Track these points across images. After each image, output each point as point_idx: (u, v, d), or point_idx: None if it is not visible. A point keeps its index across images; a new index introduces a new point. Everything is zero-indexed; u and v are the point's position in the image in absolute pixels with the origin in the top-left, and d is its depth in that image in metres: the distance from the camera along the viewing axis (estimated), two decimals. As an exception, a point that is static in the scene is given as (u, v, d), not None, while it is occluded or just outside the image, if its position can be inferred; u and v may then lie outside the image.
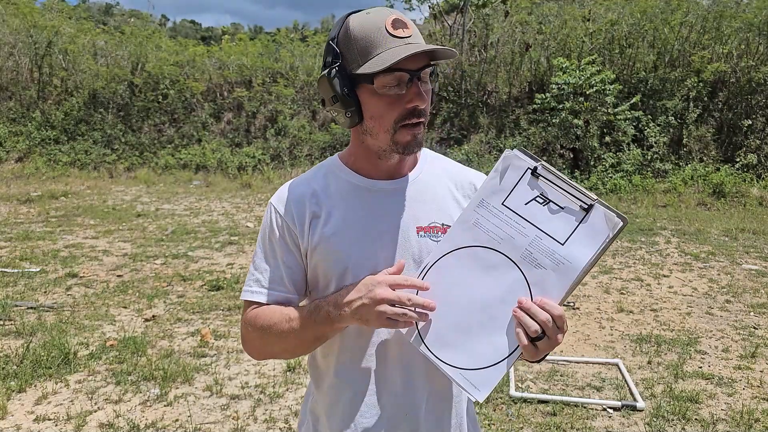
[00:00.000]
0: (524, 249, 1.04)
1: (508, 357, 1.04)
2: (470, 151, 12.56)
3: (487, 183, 1.08)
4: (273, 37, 18.80)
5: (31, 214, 9.23)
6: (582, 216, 1.01)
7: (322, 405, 1.24)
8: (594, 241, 1.00)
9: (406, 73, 1.06)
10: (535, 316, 1.00)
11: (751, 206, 10.16)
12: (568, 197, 1.02)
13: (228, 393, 3.49)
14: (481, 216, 1.07)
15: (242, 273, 6.06)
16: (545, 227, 1.03)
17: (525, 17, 14.74)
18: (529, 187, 1.04)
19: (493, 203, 1.06)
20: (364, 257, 1.14)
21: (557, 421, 3.18)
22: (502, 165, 1.07)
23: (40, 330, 4.33)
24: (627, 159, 11.67)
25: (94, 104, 15.43)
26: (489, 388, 1.05)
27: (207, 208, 10.07)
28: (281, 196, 1.21)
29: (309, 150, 14.20)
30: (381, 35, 1.06)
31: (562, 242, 1.02)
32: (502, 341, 1.04)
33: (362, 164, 1.19)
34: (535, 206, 1.04)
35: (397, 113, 1.08)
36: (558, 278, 1.02)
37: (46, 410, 3.25)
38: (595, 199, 1.00)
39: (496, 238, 1.05)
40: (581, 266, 1.00)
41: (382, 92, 1.07)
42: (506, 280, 1.05)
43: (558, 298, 1.02)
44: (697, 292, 5.56)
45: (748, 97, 12.17)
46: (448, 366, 1.07)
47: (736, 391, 3.58)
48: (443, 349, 1.07)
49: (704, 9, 13.50)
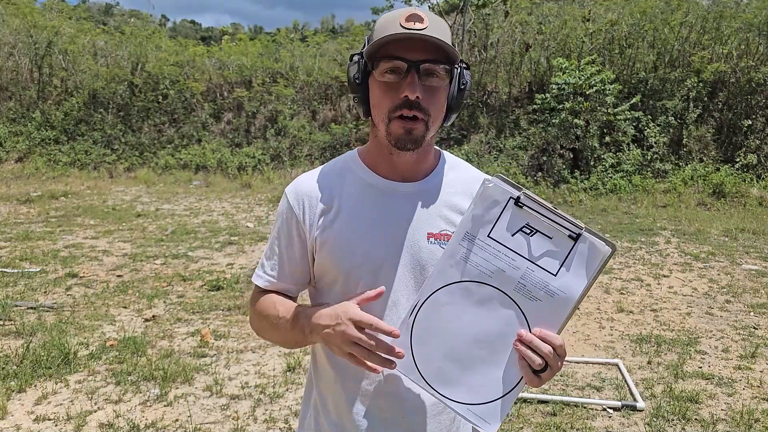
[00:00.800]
0: (517, 282, 1.02)
1: (513, 389, 1.04)
2: (470, 152, 12.56)
3: (469, 215, 1.03)
4: (273, 37, 18.80)
5: (31, 214, 9.23)
6: (571, 245, 1.00)
7: (323, 399, 1.25)
8: (585, 269, 0.99)
9: (403, 62, 1.05)
10: (538, 349, 1.00)
11: (751, 206, 10.16)
12: (554, 226, 1.00)
13: (228, 393, 3.49)
14: (468, 250, 1.03)
15: (242, 273, 6.06)
16: (535, 258, 1.01)
17: (525, 17, 14.74)
18: (514, 217, 1.01)
19: (479, 236, 1.03)
20: (370, 258, 1.14)
21: (557, 421, 3.18)
22: (483, 196, 1.03)
23: (40, 330, 4.33)
24: (627, 159, 11.67)
25: (94, 104, 15.43)
26: (499, 421, 1.04)
27: (207, 208, 10.07)
28: (295, 188, 1.22)
29: (309, 150, 14.20)
30: (393, 25, 1.06)
31: (554, 273, 1.00)
32: (506, 374, 1.03)
33: (378, 162, 1.19)
34: (522, 237, 1.01)
35: (392, 102, 1.07)
36: (554, 309, 1.01)
37: (46, 410, 3.25)
38: (582, 227, 0.99)
39: (486, 272, 1.03)
40: (576, 296, 1.00)
41: (380, 79, 1.08)
42: (502, 313, 1.03)
43: (556, 328, 1.01)
44: (697, 293, 5.56)
45: (748, 97, 12.18)
46: (454, 402, 1.05)
47: (736, 391, 3.58)
48: (447, 387, 1.06)
49: (704, 9, 13.50)
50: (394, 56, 1.05)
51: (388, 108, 1.08)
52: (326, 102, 15.28)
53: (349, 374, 1.19)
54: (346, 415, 1.20)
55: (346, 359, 1.06)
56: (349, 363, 1.16)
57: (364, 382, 1.19)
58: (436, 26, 1.06)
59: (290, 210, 1.20)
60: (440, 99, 1.11)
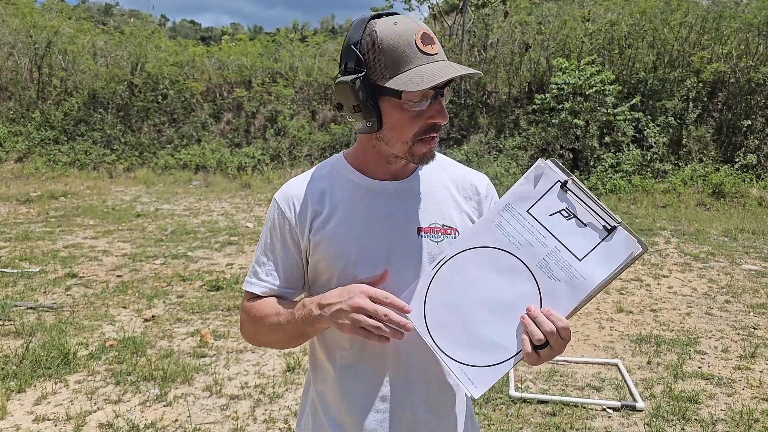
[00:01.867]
0: (542, 258, 1.05)
1: (509, 359, 1.05)
2: (470, 151, 12.57)
3: (515, 188, 1.09)
4: (273, 38, 18.79)
5: (31, 214, 9.23)
6: (604, 236, 1.02)
7: (321, 397, 1.26)
8: (611, 262, 1.01)
9: (432, 90, 1.07)
10: (540, 326, 1.01)
11: (750, 206, 10.16)
12: (592, 215, 1.03)
13: (227, 393, 3.49)
14: (505, 219, 1.08)
15: (242, 273, 6.06)
16: (566, 241, 1.04)
17: (524, 17, 14.74)
18: (557, 199, 1.06)
19: (519, 209, 1.08)
20: (364, 256, 1.16)
21: (557, 421, 3.18)
22: (534, 173, 1.08)
23: (39, 330, 4.33)
24: (626, 159, 11.67)
25: (93, 104, 15.43)
26: (485, 387, 1.06)
27: (206, 209, 10.07)
28: (285, 193, 1.23)
29: (308, 150, 14.20)
30: (411, 50, 1.06)
31: (579, 258, 1.03)
32: (506, 343, 1.06)
33: (369, 166, 1.21)
34: (559, 219, 1.05)
35: (418, 127, 1.10)
36: (569, 292, 1.03)
37: (46, 410, 3.25)
38: (619, 221, 1.02)
39: (515, 243, 1.07)
40: (594, 284, 1.02)
41: (408, 108, 1.09)
42: (519, 285, 1.06)
43: (566, 311, 1.03)
44: (696, 293, 5.56)
45: (748, 97, 12.18)
46: (449, 358, 1.09)
47: (736, 392, 3.58)
48: (446, 341, 1.09)
49: (704, 9, 13.51)
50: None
51: (413, 132, 1.11)
52: (326, 102, 15.28)
53: (348, 372, 1.21)
54: (344, 412, 1.21)
55: (356, 335, 1.06)
56: (347, 361, 1.18)
57: (362, 379, 1.20)
58: (437, 42, 1.10)
59: (282, 214, 1.21)
60: None
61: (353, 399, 1.21)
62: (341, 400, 1.22)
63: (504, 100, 13.85)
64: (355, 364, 1.20)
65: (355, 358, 1.20)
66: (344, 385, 1.21)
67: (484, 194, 1.27)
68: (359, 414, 1.20)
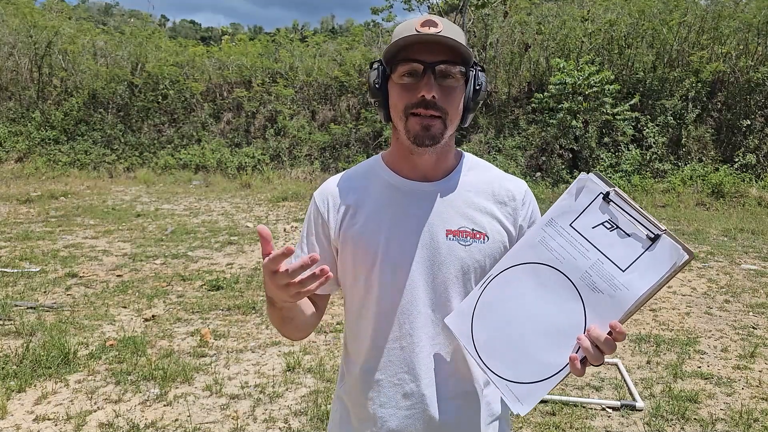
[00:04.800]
0: (584, 271, 1.04)
1: (555, 375, 1.05)
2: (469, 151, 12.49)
3: (558, 203, 1.09)
4: (272, 38, 18.80)
5: (31, 214, 9.23)
6: (648, 245, 1.00)
7: (350, 391, 1.28)
8: (656, 271, 0.99)
9: (420, 64, 1.09)
10: (601, 346, 0.99)
11: (750, 206, 10.16)
12: (635, 225, 1.01)
13: (228, 393, 3.49)
14: (548, 235, 1.08)
15: (242, 273, 6.06)
16: (609, 252, 1.02)
17: (524, 17, 14.75)
18: (599, 211, 1.04)
19: (562, 223, 1.07)
20: (391, 254, 1.18)
21: (556, 420, 3.19)
22: (576, 187, 1.07)
23: (39, 330, 4.34)
24: (626, 159, 11.68)
25: (93, 104, 15.43)
26: (532, 403, 1.06)
27: (207, 208, 10.07)
28: (322, 189, 1.27)
29: (308, 150, 14.20)
30: (408, 30, 1.11)
31: (623, 269, 1.01)
32: (552, 359, 1.05)
33: (400, 163, 1.23)
34: (601, 231, 1.04)
35: (408, 100, 1.12)
36: (613, 304, 1.01)
37: (46, 410, 3.25)
38: (663, 230, 0.99)
39: (558, 257, 1.06)
40: (638, 295, 0.99)
41: (398, 81, 1.13)
42: (562, 300, 1.05)
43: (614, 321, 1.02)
44: (696, 292, 5.56)
45: (747, 97, 12.18)
46: (496, 376, 1.09)
47: (735, 391, 3.59)
48: (492, 359, 1.09)
49: (702, 9, 13.51)
50: (410, 59, 1.10)
51: (404, 106, 1.13)
52: (326, 102, 15.28)
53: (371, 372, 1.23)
54: (368, 412, 1.24)
55: (295, 299, 1.03)
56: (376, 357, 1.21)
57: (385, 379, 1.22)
58: (450, 30, 1.11)
59: (317, 211, 1.25)
60: (456, 99, 1.15)
61: (379, 394, 1.22)
62: (367, 395, 1.23)
63: (503, 100, 13.86)
64: (383, 360, 1.22)
65: (384, 355, 1.21)
66: (370, 380, 1.23)
67: (521, 201, 1.24)
68: (384, 409, 1.22)
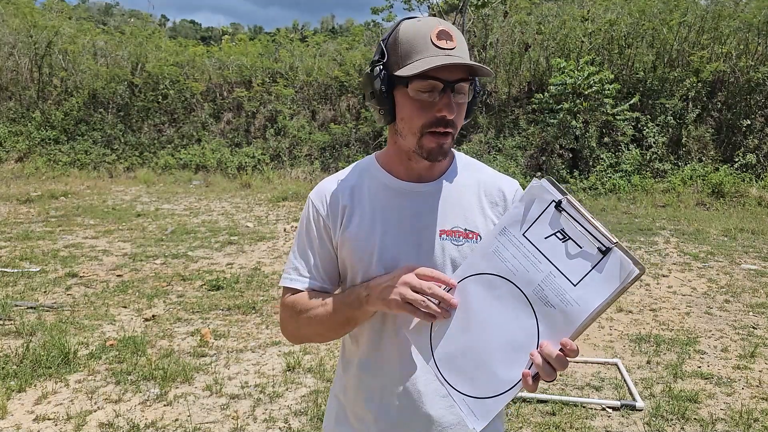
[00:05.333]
0: (537, 284, 1.02)
1: (509, 391, 1.04)
2: (469, 151, 12.57)
3: (511, 211, 1.08)
4: (273, 37, 18.80)
5: (31, 214, 9.24)
6: (598, 259, 0.98)
7: (346, 390, 1.30)
8: (606, 286, 0.97)
9: (440, 83, 1.09)
10: (554, 364, 1.00)
11: (750, 206, 10.16)
12: (587, 237, 0.99)
13: (228, 393, 3.49)
14: (501, 244, 1.07)
15: (242, 273, 6.07)
16: (560, 265, 1.01)
17: (524, 17, 14.74)
18: (551, 220, 1.03)
19: (514, 232, 1.06)
20: (387, 255, 1.19)
21: (556, 420, 3.19)
22: (528, 195, 1.06)
23: (40, 330, 4.34)
24: (626, 159, 11.68)
25: (94, 104, 15.43)
26: (487, 419, 1.05)
27: (207, 208, 10.07)
28: (319, 192, 1.28)
29: (308, 150, 14.20)
30: (425, 43, 1.10)
31: (574, 283, 0.99)
32: (506, 375, 1.04)
33: (395, 165, 1.24)
34: (554, 241, 1.02)
35: (426, 119, 1.12)
36: (565, 320, 1.00)
37: (46, 410, 3.25)
38: (614, 242, 0.97)
39: (512, 269, 1.05)
40: (589, 311, 0.98)
41: (415, 96, 1.12)
42: (516, 313, 1.04)
43: (565, 338, 1.01)
44: (696, 292, 5.56)
45: (747, 96, 12.18)
46: (453, 389, 1.08)
47: (735, 391, 3.59)
48: (451, 372, 1.09)
49: (703, 9, 13.51)
50: (431, 77, 1.09)
51: (421, 124, 1.13)
52: (326, 102, 15.28)
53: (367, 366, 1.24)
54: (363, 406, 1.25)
55: (403, 310, 1.08)
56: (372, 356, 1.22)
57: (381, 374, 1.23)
58: (461, 42, 1.12)
59: (316, 211, 1.26)
60: (463, 113, 1.17)
61: (374, 393, 1.24)
62: (363, 393, 1.25)
63: (503, 100, 13.85)
64: (379, 359, 1.23)
65: (379, 354, 1.23)
66: (366, 379, 1.25)
67: (511, 200, 1.25)
68: (380, 407, 1.23)
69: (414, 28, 1.12)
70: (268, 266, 6.36)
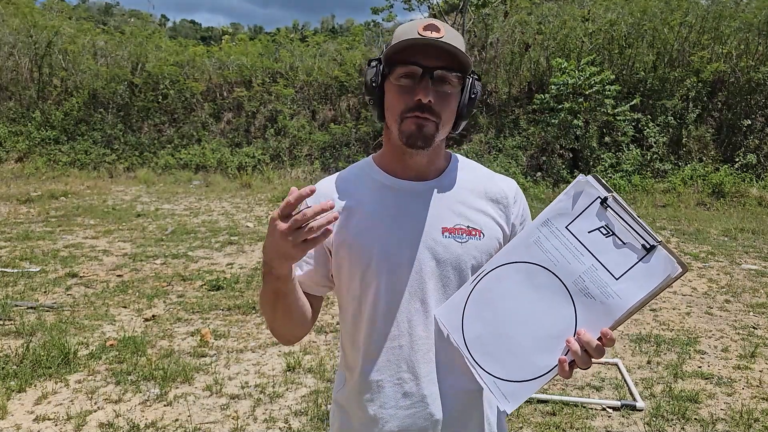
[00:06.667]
0: (578, 276, 1.04)
1: (543, 376, 1.05)
2: (470, 151, 12.56)
3: (555, 204, 1.08)
4: (273, 37, 18.80)
5: (31, 214, 9.23)
6: (642, 255, 1.00)
7: (349, 395, 1.27)
8: (648, 282, 0.99)
9: (418, 68, 1.10)
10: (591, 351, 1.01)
11: (750, 206, 10.16)
12: (632, 233, 1.01)
13: (228, 393, 3.49)
14: (543, 235, 1.08)
15: (242, 273, 6.06)
16: (603, 259, 1.02)
17: (524, 17, 14.75)
18: (596, 216, 1.04)
19: (557, 225, 1.07)
20: (387, 254, 1.18)
21: (557, 420, 3.18)
22: (575, 189, 1.07)
23: (40, 330, 4.34)
24: (626, 159, 11.68)
25: (94, 104, 15.43)
26: (518, 402, 1.06)
27: (207, 208, 10.07)
28: (316, 192, 1.24)
29: (309, 150, 14.20)
30: (410, 33, 1.12)
31: (616, 277, 1.01)
32: (541, 360, 1.05)
33: (391, 163, 1.24)
34: (597, 236, 1.03)
35: (405, 104, 1.12)
36: (605, 311, 1.01)
37: (46, 410, 3.25)
38: (659, 240, 0.99)
39: (552, 260, 1.06)
40: (630, 304, 1.00)
41: (395, 82, 1.13)
42: (554, 302, 1.05)
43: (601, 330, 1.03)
44: (696, 292, 5.56)
45: (748, 97, 12.18)
46: (484, 371, 1.09)
47: (736, 391, 3.59)
48: (481, 354, 1.10)
49: (703, 9, 13.51)
50: (409, 62, 1.11)
51: (401, 109, 1.13)
52: (326, 102, 15.28)
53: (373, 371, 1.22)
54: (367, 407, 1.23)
55: (302, 252, 1.01)
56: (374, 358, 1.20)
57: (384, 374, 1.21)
58: (452, 36, 1.12)
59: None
60: (451, 105, 1.15)
61: (377, 395, 1.22)
62: (366, 396, 1.23)
63: (504, 100, 13.85)
64: (382, 361, 1.21)
65: (382, 355, 1.21)
66: (369, 381, 1.22)
67: (512, 199, 1.26)
68: (382, 410, 1.21)
69: (407, 25, 1.15)
70: (268, 266, 6.35)
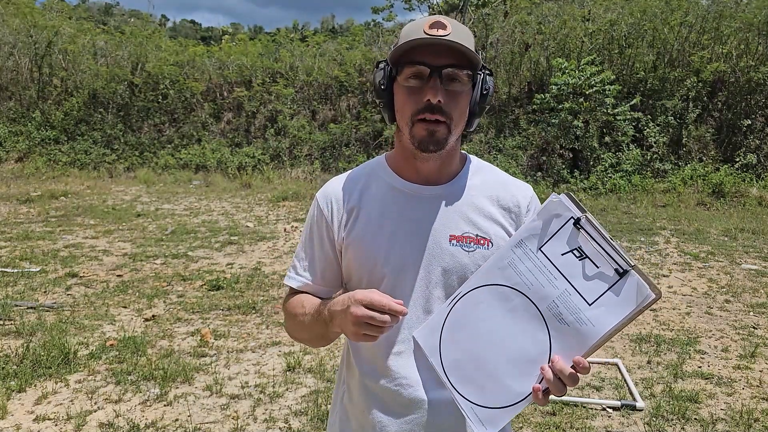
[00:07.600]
0: (552, 300, 1.02)
1: (519, 403, 1.04)
2: (469, 151, 12.47)
3: (528, 225, 1.07)
4: (273, 37, 18.80)
5: (31, 214, 9.23)
6: (615, 280, 0.98)
7: (350, 397, 1.27)
8: (621, 308, 0.97)
9: (426, 68, 1.08)
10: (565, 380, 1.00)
11: (750, 206, 10.16)
12: (604, 257, 0.99)
13: (228, 393, 3.49)
14: (517, 257, 1.06)
15: (242, 273, 6.06)
16: (576, 283, 1.00)
17: (524, 17, 14.74)
18: (569, 237, 1.02)
19: (531, 246, 1.05)
20: (393, 258, 1.17)
21: (557, 420, 3.18)
22: (546, 210, 1.05)
23: (40, 330, 4.34)
24: (626, 159, 11.67)
25: (94, 104, 15.43)
26: (497, 427, 1.05)
27: (207, 208, 10.07)
28: (324, 191, 1.26)
29: (309, 150, 14.19)
30: (417, 32, 1.09)
31: (589, 303, 0.99)
32: (517, 385, 1.04)
33: (403, 166, 1.21)
34: (570, 259, 1.01)
35: (415, 106, 1.10)
36: (578, 338, 1.00)
37: (46, 410, 3.25)
38: (632, 265, 0.97)
39: (527, 283, 1.04)
40: (603, 332, 0.98)
41: (403, 84, 1.11)
42: (529, 326, 1.03)
43: (574, 357, 1.01)
44: (696, 292, 5.56)
45: (748, 97, 12.18)
46: (461, 397, 1.08)
47: (736, 391, 3.59)
48: (459, 380, 1.08)
49: (703, 9, 13.50)
50: (416, 62, 1.08)
51: (411, 112, 1.11)
52: (326, 102, 15.28)
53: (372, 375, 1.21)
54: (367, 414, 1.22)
55: (360, 340, 1.07)
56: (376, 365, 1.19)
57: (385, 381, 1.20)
58: (459, 32, 1.09)
59: (320, 212, 1.24)
60: (462, 103, 1.13)
61: (376, 400, 1.21)
62: (364, 401, 1.22)
63: (504, 100, 13.85)
64: (383, 368, 1.20)
65: (383, 363, 1.20)
66: (367, 386, 1.22)
67: (525, 207, 1.22)
68: (383, 416, 1.20)
69: (413, 24, 1.12)
70: (268, 266, 6.36)
